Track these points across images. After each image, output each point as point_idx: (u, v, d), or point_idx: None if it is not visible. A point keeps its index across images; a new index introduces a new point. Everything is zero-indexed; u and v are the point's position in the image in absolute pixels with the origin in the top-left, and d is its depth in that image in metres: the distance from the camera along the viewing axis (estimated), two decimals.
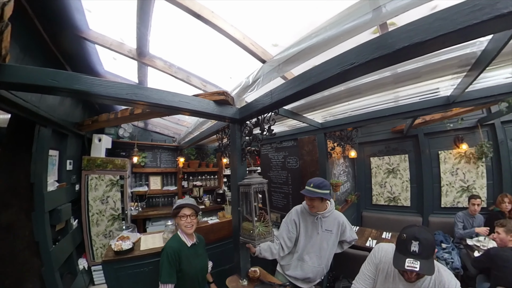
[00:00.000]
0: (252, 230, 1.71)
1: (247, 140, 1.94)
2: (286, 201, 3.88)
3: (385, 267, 1.43)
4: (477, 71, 1.62)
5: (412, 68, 1.73)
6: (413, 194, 4.39)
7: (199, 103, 1.62)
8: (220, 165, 5.99)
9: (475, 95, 2.16)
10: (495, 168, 3.77)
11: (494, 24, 0.92)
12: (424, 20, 0.97)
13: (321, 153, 3.31)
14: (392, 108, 2.59)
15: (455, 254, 2.98)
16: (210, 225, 2.86)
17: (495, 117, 3.61)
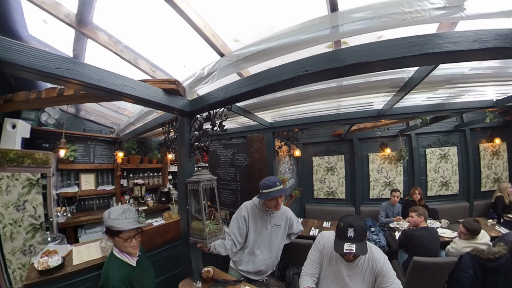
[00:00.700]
0: (203, 229, 1.65)
1: (196, 135, 1.84)
2: (235, 197, 3.91)
3: (329, 251, 1.65)
4: (403, 92, 1.97)
5: (354, 83, 1.98)
6: (347, 188, 5.17)
7: (146, 90, 1.42)
8: (165, 161, 5.44)
9: (399, 111, 2.66)
10: (409, 168, 4.90)
11: (421, 59, 1.14)
12: (371, 45, 1.11)
13: (269, 151, 3.45)
14: (334, 115, 2.95)
15: (381, 236, 3.64)
16: (155, 228, 2.60)
17: (412, 129, 4.67)
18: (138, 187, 4.67)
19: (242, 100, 1.83)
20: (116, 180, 4.47)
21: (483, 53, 1.02)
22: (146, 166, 5.04)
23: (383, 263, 1.49)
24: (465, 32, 0.98)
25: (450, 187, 4.72)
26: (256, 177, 3.58)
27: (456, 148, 4.73)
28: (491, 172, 4.65)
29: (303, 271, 1.73)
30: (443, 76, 1.81)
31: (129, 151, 4.78)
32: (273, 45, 1.32)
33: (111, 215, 1.40)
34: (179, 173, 1.94)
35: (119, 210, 1.43)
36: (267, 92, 1.65)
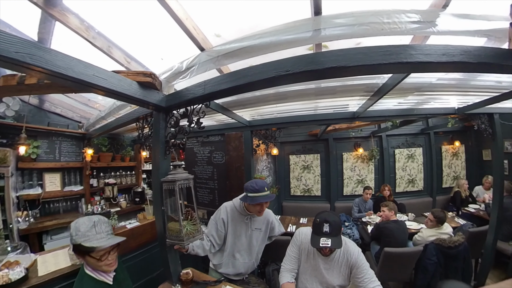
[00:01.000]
0: (180, 230, 1.59)
1: (172, 132, 1.75)
2: (212, 196, 3.85)
3: (306, 247, 1.71)
4: (377, 97, 2.10)
5: (331, 85, 2.06)
6: (323, 186, 5.40)
7: (119, 82, 1.31)
8: (139, 159, 5.10)
9: (373, 114, 2.84)
10: (380, 166, 5.29)
11: (395, 67, 1.22)
12: (350, 51, 1.16)
13: (247, 149, 3.45)
14: (311, 115, 3.05)
15: (354, 230, 3.87)
16: (129, 230, 2.45)
17: (383, 131, 5.06)
18: (110, 187, 4.30)
19: (221, 97, 1.80)
20: (85, 179, 4.09)
21: (449, 66, 1.12)
22: (118, 164, 4.66)
23: (357, 255, 1.59)
24: (435, 46, 1.07)
25: (416, 184, 5.26)
26: (234, 175, 3.57)
27: (422, 149, 5.30)
28: (451, 170, 5.35)
29: (282, 267, 1.77)
30: (413, 84, 1.96)
31: (100, 148, 4.39)
32: (255, 43, 1.31)
33: (79, 230, 1.18)
34: (154, 171, 1.85)
35: (87, 223, 1.21)
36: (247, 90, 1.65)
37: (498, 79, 1.95)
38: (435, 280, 2.31)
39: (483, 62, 1.09)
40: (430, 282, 2.32)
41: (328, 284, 1.64)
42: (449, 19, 1.09)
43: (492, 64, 1.11)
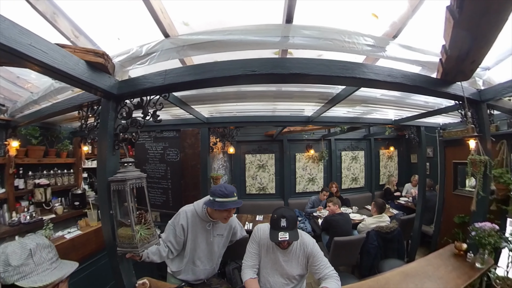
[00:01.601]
0: (132, 236, 1.41)
1: (123, 124, 1.57)
2: (165, 197, 3.64)
3: (265, 242, 1.78)
4: (330, 105, 2.34)
5: (290, 90, 2.20)
6: (277, 184, 5.78)
7: (63, 58, 1.10)
8: (79, 155, 4.20)
9: (325, 119, 3.14)
10: (328, 166, 6.01)
11: (350, 81, 1.41)
12: (313, 61, 1.30)
13: (203, 147, 3.37)
14: (269, 116, 3.18)
15: (307, 223, 4.31)
16: (69, 241, 2.13)
17: (332, 135, 5.77)
18: (41, 189, 3.40)
19: (182, 89, 1.73)
20: (7, 180, 3.13)
21: (392, 85, 1.36)
22: (53, 161, 3.75)
23: (312, 246, 1.74)
24: (383, 67, 1.29)
25: (358, 182, 6.24)
26: (189, 174, 3.45)
27: (364, 152, 6.32)
28: (387, 170, 6.56)
29: (244, 264, 1.81)
30: (361, 97, 2.26)
31: (29, 140, 3.43)
32: (224, 38, 1.31)
33: (9, 265, 0.84)
34: (100, 170, 1.62)
35: (20, 253, 0.87)
36: (211, 85, 1.64)
37: (426, 99, 2.48)
38: (377, 260, 2.82)
39: (417, 85, 1.37)
40: (373, 263, 2.81)
41: (288, 275, 1.77)
42: (396, 47, 1.32)
43: (423, 88, 1.41)
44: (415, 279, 1.71)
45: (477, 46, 1.12)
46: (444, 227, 3.70)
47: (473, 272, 1.74)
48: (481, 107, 1.99)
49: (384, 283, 1.70)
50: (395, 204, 5.11)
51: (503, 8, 0.88)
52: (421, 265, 1.90)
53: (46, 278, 0.88)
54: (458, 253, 1.97)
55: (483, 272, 1.79)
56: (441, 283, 1.65)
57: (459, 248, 1.98)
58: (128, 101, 1.60)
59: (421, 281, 1.68)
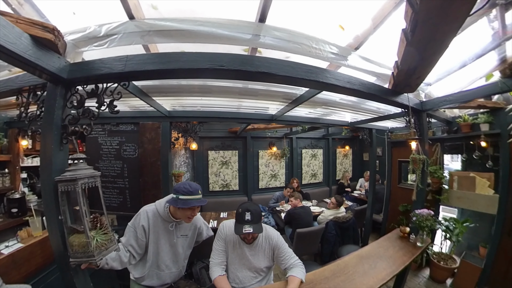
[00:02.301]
0: (87, 243, 1.23)
1: (73, 114, 1.37)
2: (123, 197, 3.33)
3: (231, 238, 1.82)
4: (294, 105, 2.47)
5: (256, 88, 2.25)
6: (240, 180, 5.85)
7: (1, 28, 0.92)
8: (16, 151, 3.38)
9: (288, 118, 3.30)
10: (289, 163, 6.36)
11: (313, 84, 1.50)
12: (281, 62, 1.35)
13: (164, 142, 3.19)
14: (234, 113, 3.21)
15: (270, 218, 4.52)
16: (7, 257, 1.77)
17: (294, 134, 6.07)
18: None
19: (144, 79, 1.63)
20: None
21: (350, 91, 1.51)
22: None
23: (277, 238, 1.82)
24: (343, 75, 1.42)
25: (317, 177, 6.78)
26: (148, 171, 3.22)
27: (322, 150, 6.90)
28: (342, 167, 7.28)
29: (211, 262, 1.80)
30: (322, 99, 2.44)
31: None
32: (194, 28, 1.27)
33: None
34: (44, 168, 1.37)
35: None
36: (176, 76, 1.57)
37: (378, 106, 2.86)
38: (336, 247, 3.18)
39: (372, 93, 1.56)
40: (333, 249, 3.16)
41: (256, 268, 1.82)
42: (357, 58, 1.49)
43: (377, 96, 1.60)
44: (369, 260, 1.96)
45: (423, 65, 1.34)
46: (391, 215, 4.43)
47: (416, 250, 2.11)
48: (422, 115, 2.42)
49: (343, 266, 1.90)
50: (349, 196, 5.76)
51: (446, 38, 1.08)
52: (374, 248, 2.19)
53: None
54: (403, 236, 2.35)
55: (423, 250, 2.21)
56: (391, 261, 1.93)
57: (403, 231, 2.36)
58: (80, 87, 1.39)
59: (374, 261, 1.93)
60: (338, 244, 3.21)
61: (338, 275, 1.79)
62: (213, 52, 1.30)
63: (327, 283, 1.72)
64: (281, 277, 3.08)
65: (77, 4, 1.23)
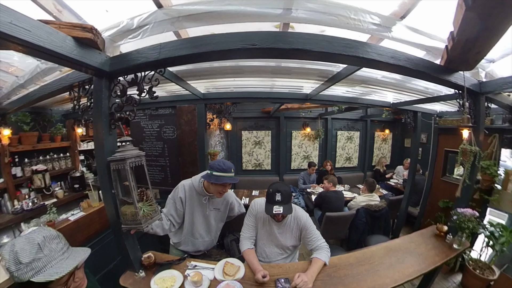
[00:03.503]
0: (136, 213, 1.47)
1: (118, 103, 1.52)
2: (164, 174, 3.69)
3: (261, 215, 1.88)
4: (330, 83, 2.29)
5: (290, 66, 2.12)
6: (272, 160, 5.89)
7: (48, 36, 1.01)
8: (73, 138, 4.14)
9: (323, 98, 3.10)
10: (323, 145, 6.12)
11: (352, 60, 1.35)
12: (316, 36, 1.23)
13: (200, 124, 3.34)
14: (267, 93, 3.12)
15: (300, 199, 4.50)
16: (73, 223, 2.15)
17: (329, 114, 5.73)
18: (39, 174, 3.42)
19: (179, 64, 1.66)
20: (4, 169, 3.09)
21: (394, 67, 1.32)
22: (48, 146, 3.72)
23: (305, 219, 1.84)
24: (387, 49, 1.24)
25: (352, 161, 6.40)
26: (186, 151, 3.45)
27: (359, 133, 6.36)
28: (380, 152, 6.67)
29: (242, 236, 1.92)
30: (361, 77, 2.21)
31: (20, 126, 3.31)
32: (223, 9, 1.22)
33: (20, 263, 0.81)
34: (98, 151, 1.60)
35: (30, 248, 0.84)
36: (208, 59, 1.57)
37: (427, 85, 2.44)
38: (364, 235, 3.06)
39: (420, 70, 1.34)
40: (360, 237, 3.06)
41: (282, 246, 1.90)
42: (403, 29, 1.26)
43: (426, 73, 1.37)
44: (397, 253, 1.84)
45: (485, 37, 1.09)
46: (428, 210, 3.95)
47: (450, 252, 1.89)
48: (480, 99, 2.00)
49: (369, 255, 1.83)
50: (385, 185, 5.33)
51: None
52: (404, 241, 2.03)
53: (60, 270, 0.86)
54: (439, 234, 2.11)
55: (459, 253, 1.95)
56: (421, 259, 1.79)
57: (440, 230, 2.11)
58: (122, 78, 1.52)
59: (402, 256, 1.81)
60: (367, 232, 3.08)
61: (363, 263, 1.74)
62: (243, 31, 1.25)
63: (351, 269, 1.69)
64: (306, 257, 3.12)
65: (109, 2, 1.28)
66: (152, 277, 1.68)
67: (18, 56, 2.17)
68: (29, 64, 2.06)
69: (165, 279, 1.65)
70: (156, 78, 1.50)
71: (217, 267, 1.76)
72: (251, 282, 1.63)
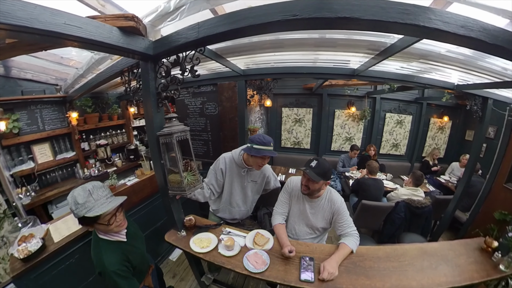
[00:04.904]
0: (181, 181, 1.67)
1: (163, 83, 1.63)
2: (206, 148, 3.96)
3: (296, 193, 1.90)
4: (382, 57, 1.98)
5: (335, 37, 1.88)
6: (312, 139, 5.61)
7: (97, 29, 1.12)
8: (127, 116, 4.89)
9: (373, 74, 2.68)
10: (368, 127, 5.45)
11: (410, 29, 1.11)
12: (367, 2, 1.03)
13: (240, 100, 3.34)
14: (309, 67, 2.87)
15: (337, 182, 4.32)
16: (130, 187, 2.56)
17: (378, 93, 5.02)
18: (102, 148, 4.25)
19: (217, 41, 1.62)
20: (75, 145, 3.92)
21: (464, 40, 1.04)
22: (107, 124, 4.45)
23: (340, 203, 1.80)
24: (456, 15, 0.97)
25: (399, 149, 5.56)
26: (227, 126, 3.58)
27: (412, 117, 5.41)
28: (434, 142, 5.58)
29: (274, 210, 1.99)
30: (421, 51, 1.84)
31: (84, 109, 4.06)
32: None
33: (77, 203, 1.15)
34: (148, 126, 1.78)
35: (83, 194, 1.18)
36: (247, 34, 1.47)
37: (505, 65, 1.88)
38: (399, 231, 2.78)
39: (499, 45, 1.02)
40: (395, 232, 2.78)
41: (312, 226, 1.91)
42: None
43: (507, 50, 1.04)
44: (432, 258, 1.66)
45: None
46: (480, 218, 3.21)
47: (494, 272, 1.60)
48: None
49: (400, 253, 1.69)
50: (433, 180, 4.58)
51: None
52: (443, 247, 1.80)
53: (104, 208, 1.18)
54: (486, 249, 1.80)
55: (505, 276, 1.63)
56: (457, 271, 1.57)
57: (489, 244, 1.79)
58: (165, 59, 1.60)
59: (436, 262, 1.62)
60: (402, 228, 2.77)
61: (392, 259, 1.62)
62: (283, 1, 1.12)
63: (377, 262, 1.60)
64: (334, 241, 3.08)
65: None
66: (191, 237, 1.92)
67: (75, 51, 2.57)
68: (85, 57, 2.42)
69: (202, 239, 1.87)
70: (197, 57, 1.53)
71: (248, 236, 1.89)
72: (277, 254, 1.71)
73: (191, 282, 2.66)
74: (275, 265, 1.61)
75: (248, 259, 1.65)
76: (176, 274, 2.79)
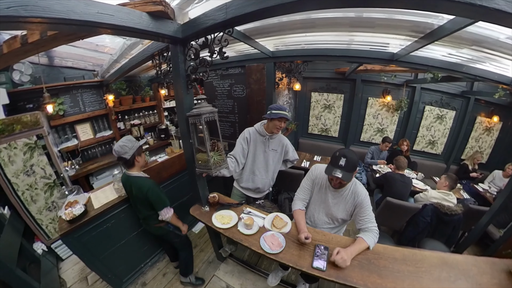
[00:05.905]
0: (207, 160, 1.76)
1: (193, 65, 1.67)
2: (233, 129, 4.02)
3: (319, 181, 1.88)
4: (427, 41, 1.75)
5: (373, 17, 1.70)
6: (341, 128, 5.29)
7: (127, 16, 1.17)
8: (158, 98, 5.18)
9: (415, 60, 2.38)
10: (404, 119, 4.92)
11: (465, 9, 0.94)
12: None
13: (269, 83, 3.28)
14: (343, 50, 2.62)
15: (363, 175, 4.08)
16: (160, 163, 2.77)
17: (419, 82, 4.46)
18: (136, 127, 4.64)
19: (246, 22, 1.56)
20: (112, 124, 4.37)
21: None
22: (140, 106, 4.83)
23: (363, 196, 1.73)
24: None
25: (436, 147, 4.91)
26: (255, 109, 3.56)
27: (455, 113, 4.66)
28: (477, 145, 4.74)
29: (296, 196, 2.00)
30: (474, 35, 1.59)
31: (119, 92, 4.43)
32: None
33: (130, 147, 1.83)
34: (178, 107, 1.87)
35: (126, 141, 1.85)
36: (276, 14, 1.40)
37: None
38: (421, 235, 2.57)
39: None
40: (417, 236, 2.58)
41: (332, 216, 1.88)
42: None
43: None
44: (451, 270, 1.52)
45: None
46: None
47: None
48: None
49: (419, 258, 1.59)
50: (469, 187, 4.00)
51: None
52: (467, 261, 1.62)
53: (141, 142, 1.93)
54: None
55: None
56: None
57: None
58: (194, 42, 1.62)
59: (456, 275, 1.48)
60: (425, 233, 2.54)
61: (408, 263, 1.54)
62: None
63: (392, 263, 1.53)
64: (352, 235, 2.99)
65: None
66: (214, 212, 2.05)
67: (109, 38, 2.84)
68: (118, 43, 2.63)
69: (224, 216, 2.00)
70: (225, 39, 1.52)
71: (267, 217, 1.95)
72: (293, 239, 1.74)
73: (209, 253, 2.88)
74: (289, 249, 1.66)
75: (265, 239, 1.71)
76: (197, 245, 3.03)
